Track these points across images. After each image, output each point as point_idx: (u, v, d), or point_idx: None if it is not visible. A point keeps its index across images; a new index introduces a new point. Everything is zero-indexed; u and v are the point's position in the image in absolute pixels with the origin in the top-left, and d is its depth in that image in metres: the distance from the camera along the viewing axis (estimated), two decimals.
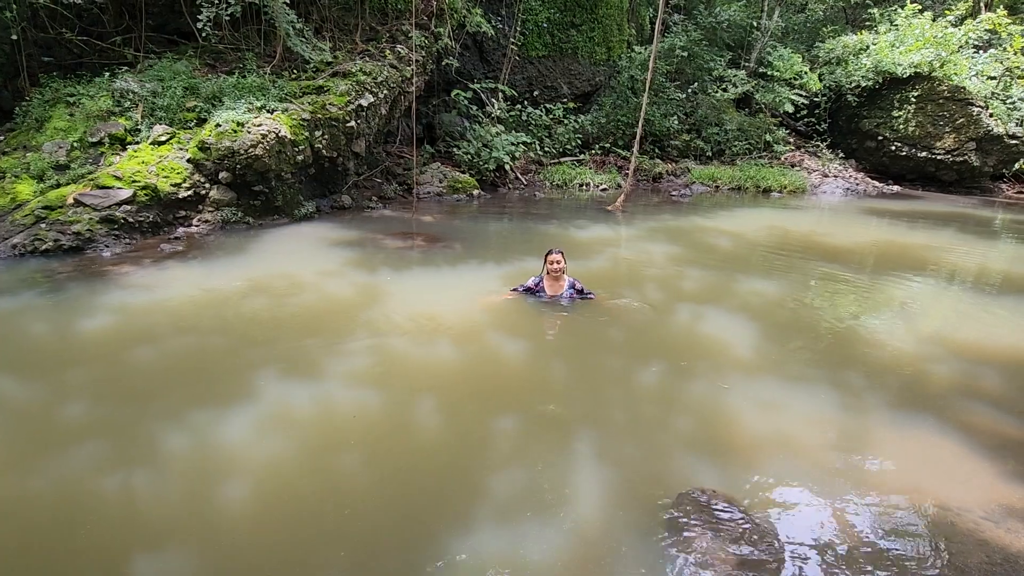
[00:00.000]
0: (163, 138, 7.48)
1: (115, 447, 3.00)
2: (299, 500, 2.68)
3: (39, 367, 3.83)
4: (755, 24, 16.76)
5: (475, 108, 12.62)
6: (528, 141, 13.13)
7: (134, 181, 6.81)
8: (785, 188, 14.39)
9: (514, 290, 5.32)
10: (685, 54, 14.83)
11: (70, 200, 6.44)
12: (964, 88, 15.14)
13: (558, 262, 5.05)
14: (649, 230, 9.13)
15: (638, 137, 12.06)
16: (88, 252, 6.20)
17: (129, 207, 6.67)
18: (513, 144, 12.41)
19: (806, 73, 15.97)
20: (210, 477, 2.80)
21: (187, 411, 3.32)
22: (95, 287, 5.22)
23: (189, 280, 5.53)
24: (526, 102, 13.72)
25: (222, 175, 7.36)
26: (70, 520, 2.50)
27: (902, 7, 16.91)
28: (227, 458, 2.95)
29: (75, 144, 7.29)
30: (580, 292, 5.21)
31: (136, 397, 3.48)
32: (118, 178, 6.77)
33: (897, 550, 2.50)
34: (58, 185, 6.77)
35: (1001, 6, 18.49)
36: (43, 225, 6.16)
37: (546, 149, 13.98)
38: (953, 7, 17.16)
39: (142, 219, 6.78)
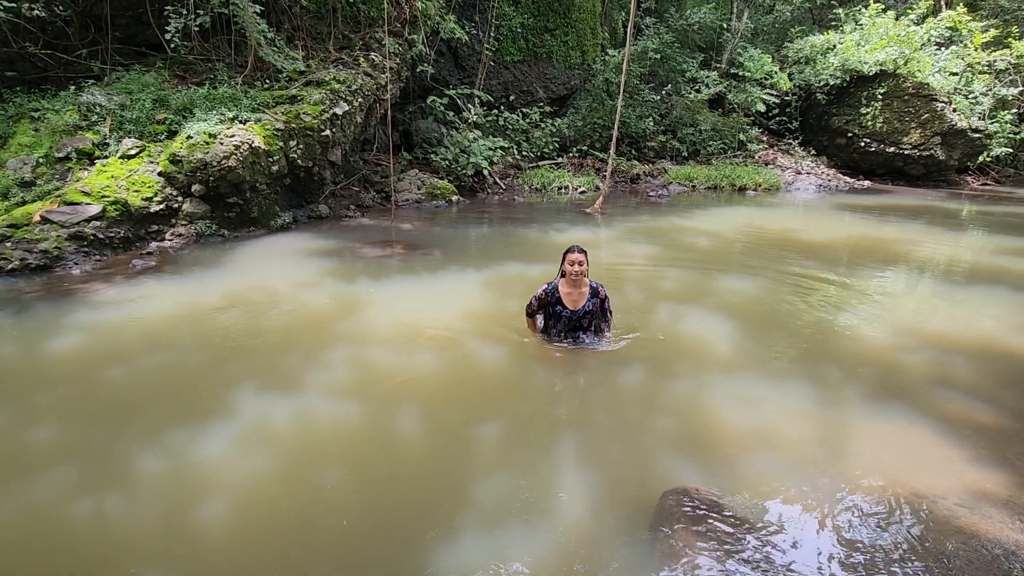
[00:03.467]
0: (133, 152, 7.33)
1: (88, 470, 2.92)
2: (281, 516, 2.63)
3: (6, 390, 3.71)
4: (725, 26, 17.08)
5: (452, 114, 12.62)
6: (505, 146, 13.16)
7: (103, 196, 6.66)
8: (760, 186, 14.65)
9: (531, 313, 4.43)
10: (658, 56, 15.04)
11: (36, 217, 6.27)
12: (928, 84, 15.61)
13: (580, 263, 4.03)
14: (628, 231, 9.20)
15: (614, 139, 12.17)
16: (57, 270, 6.04)
17: (99, 223, 6.51)
18: (491, 149, 12.42)
19: (776, 73, 16.32)
20: (188, 497, 2.73)
21: (163, 431, 3.24)
22: (64, 306, 5.08)
23: (163, 295, 5.42)
24: (502, 107, 13.76)
25: (195, 188, 7.24)
26: (42, 547, 2.42)
27: (866, 7, 17.38)
28: (205, 477, 2.88)
29: (41, 160, 7.10)
30: (603, 302, 4.27)
31: (109, 418, 3.39)
32: (86, 193, 6.61)
33: (877, 539, 2.55)
34: (24, 202, 6.58)
35: (960, 4, 19.10)
36: (8, 244, 5.98)
37: (524, 153, 14.03)
38: (915, 6, 17.67)
39: (112, 235, 6.63)
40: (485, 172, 12.36)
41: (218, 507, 2.68)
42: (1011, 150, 17.82)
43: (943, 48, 17.51)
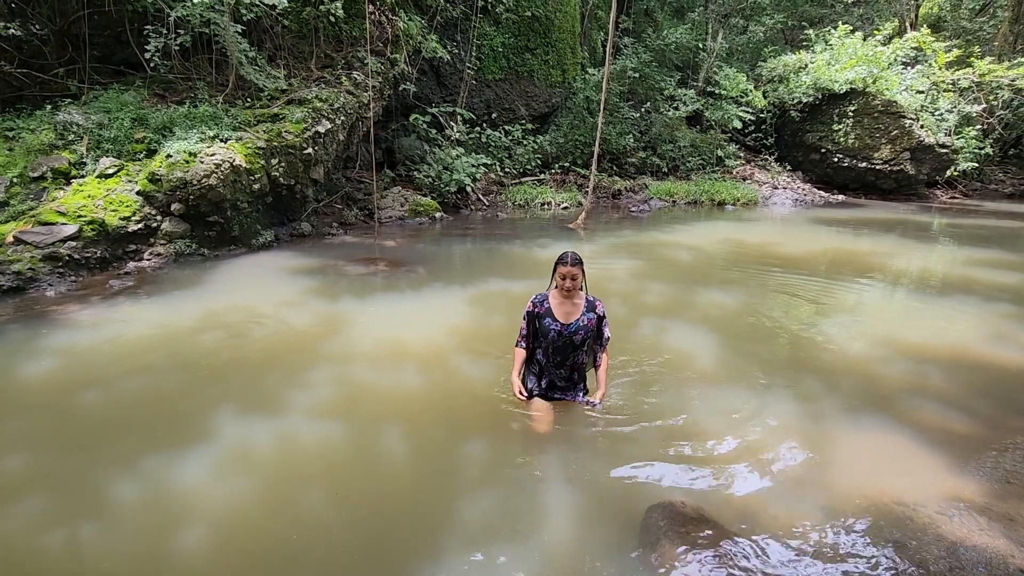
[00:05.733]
0: (111, 171, 7.23)
1: (63, 498, 2.83)
2: (263, 540, 2.58)
3: None
4: (701, 46, 17.51)
5: (434, 132, 12.70)
6: (488, 163, 13.25)
7: (80, 216, 6.54)
8: (738, 201, 14.93)
9: (521, 341, 3.66)
10: (637, 75, 15.35)
11: (9, 238, 6.14)
12: (896, 102, 16.13)
13: (573, 277, 3.36)
14: (611, 246, 9.30)
15: (596, 155, 12.34)
16: (30, 292, 5.90)
17: (74, 243, 6.39)
18: (473, 166, 12.50)
19: (751, 91, 16.74)
20: (167, 525, 2.67)
21: (140, 456, 3.16)
22: (38, 329, 4.96)
23: (140, 317, 5.32)
24: (485, 124, 13.88)
25: (174, 207, 7.15)
26: None
27: (835, 28, 17.97)
28: (185, 504, 2.82)
29: (14, 180, 6.97)
30: (601, 320, 3.58)
31: (84, 444, 3.30)
32: (62, 213, 6.50)
33: (861, 548, 2.58)
34: None
35: (924, 25, 19.87)
36: None
37: (507, 170, 14.14)
38: (881, 27, 18.32)
39: (89, 255, 6.50)
40: (468, 189, 12.42)
41: (198, 533, 2.62)
42: (977, 164, 18.45)
43: (909, 67, 18.15)
